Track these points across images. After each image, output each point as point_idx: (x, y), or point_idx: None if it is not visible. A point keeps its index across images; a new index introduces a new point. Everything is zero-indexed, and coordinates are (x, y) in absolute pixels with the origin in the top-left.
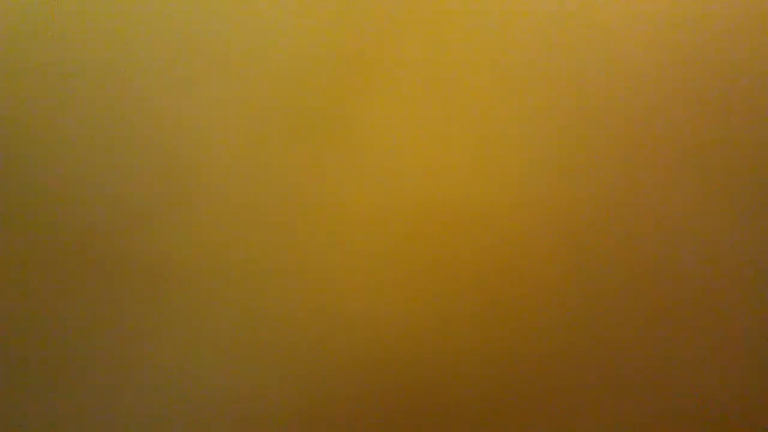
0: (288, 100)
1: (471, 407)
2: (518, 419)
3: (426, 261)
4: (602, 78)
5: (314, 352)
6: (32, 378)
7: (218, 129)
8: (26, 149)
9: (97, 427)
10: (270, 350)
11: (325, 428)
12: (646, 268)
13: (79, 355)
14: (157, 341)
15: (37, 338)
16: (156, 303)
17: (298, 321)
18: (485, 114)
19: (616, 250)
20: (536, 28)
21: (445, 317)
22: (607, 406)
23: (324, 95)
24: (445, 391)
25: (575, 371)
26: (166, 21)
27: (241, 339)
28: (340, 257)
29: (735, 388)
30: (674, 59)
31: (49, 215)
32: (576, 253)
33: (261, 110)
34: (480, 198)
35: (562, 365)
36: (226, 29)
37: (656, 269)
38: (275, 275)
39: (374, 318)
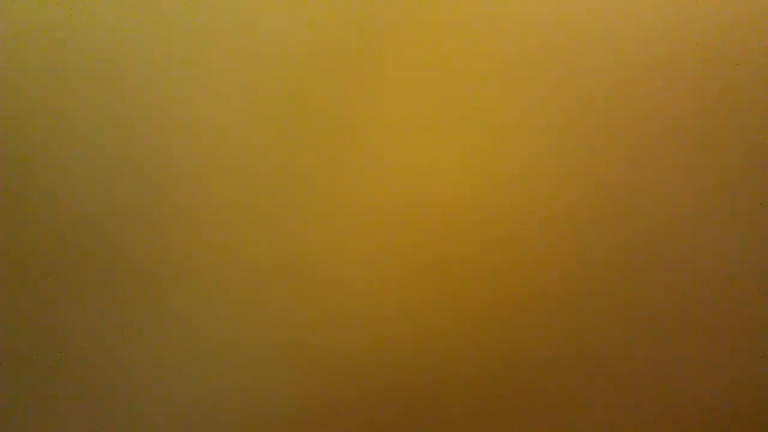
0: (289, 99)
1: (471, 407)
2: (519, 419)
3: (427, 260)
4: (603, 77)
5: (314, 352)
6: (32, 378)
7: (218, 128)
8: (26, 149)
9: (97, 427)
10: (270, 350)
11: (325, 428)
12: (647, 267)
13: (79, 355)
14: (157, 341)
15: (37, 338)
16: (156, 303)
17: (299, 321)
18: (487, 113)
19: (616, 249)
20: (537, 27)
21: (446, 317)
22: (607, 406)
23: (324, 94)
24: (445, 391)
25: (576, 371)
26: (166, 20)
27: (242, 339)
28: (340, 257)
29: (735, 388)
30: (674, 58)
31: (49, 215)
32: (576, 252)
33: (261, 109)
34: (481, 197)
35: (563, 365)
36: (226, 28)
37: (657, 268)
38: (275, 275)
39: (375, 317)
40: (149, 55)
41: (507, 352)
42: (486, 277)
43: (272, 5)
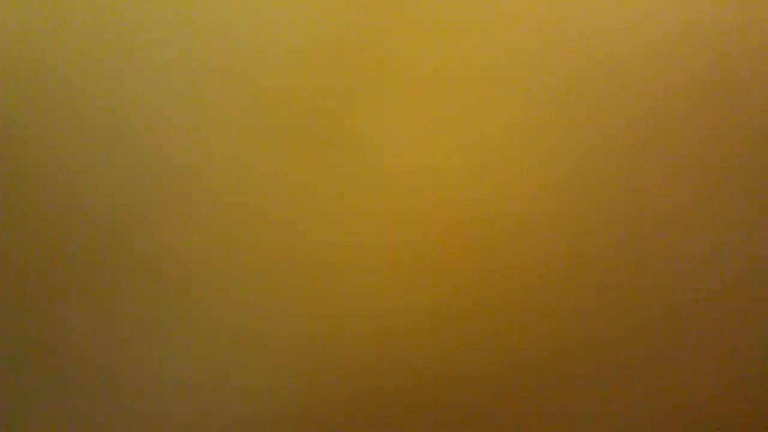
0: (289, 101)
1: (471, 407)
2: (518, 419)
3: (426, 261)
4: (602, 79)
5: (315, 352)
6: (31, 378)
7: (218, 128)
8: (26, 149)
9: (96, 428)
10: (271, 350)
11: (326, 428)
12: (647, 268)
13: (78, 354)
14: (157, 341)
15: (36, 338)
16: (156, 303)
17: (299, 321)
18: (486, 114)
19: (616, 250)
20: (537, 29)
21: (446, 317)
22: (607, 407)
23: (325, 96)
24: (445, 391)
25: (576, 371)
26: (167, 20)
27: (241, 339)
28: (340, 257)
29: (735, 389)
30: (674, 59)
31: (49, 215)
32: (576, 253)
33: (261, 110)
34: (481, 198)
35: (562, 365)
36: (227, 29)
37: (657, 269)
38: (276, 275)
39: (376, 318)
40: (149, 56)
41: (508, 353)
42: (487, 278)
43: (273, 5)
